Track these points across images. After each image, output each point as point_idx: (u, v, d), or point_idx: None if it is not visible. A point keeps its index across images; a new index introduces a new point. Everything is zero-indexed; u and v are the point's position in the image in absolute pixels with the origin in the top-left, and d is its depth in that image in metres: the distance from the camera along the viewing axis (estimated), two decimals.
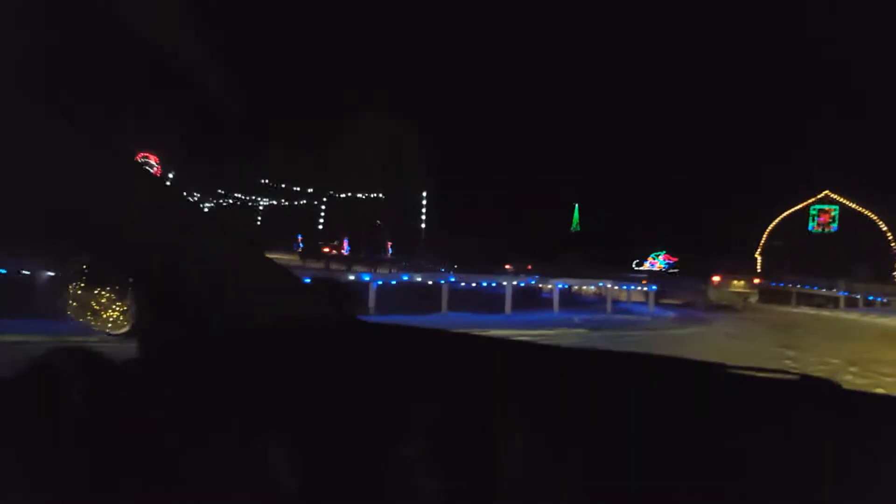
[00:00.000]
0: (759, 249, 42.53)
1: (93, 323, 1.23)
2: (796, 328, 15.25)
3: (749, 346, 12.00)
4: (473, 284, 15.61)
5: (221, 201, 49.53)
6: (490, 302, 14.62)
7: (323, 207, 47.15)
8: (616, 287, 16.92)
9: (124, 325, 1.24)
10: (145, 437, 1.04)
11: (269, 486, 1.01)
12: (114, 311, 1.24)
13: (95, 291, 1.23)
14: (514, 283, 14.95)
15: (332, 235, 45.35)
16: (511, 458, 1.00)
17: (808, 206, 41.92)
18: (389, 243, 42.99)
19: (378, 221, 42.98)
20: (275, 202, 50.40)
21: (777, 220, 42.42)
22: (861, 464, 0.94)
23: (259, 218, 50.25)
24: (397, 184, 39.15)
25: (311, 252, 34.07)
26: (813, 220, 41.81)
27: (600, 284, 17.25)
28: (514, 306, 14.81)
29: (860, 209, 40.03)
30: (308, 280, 1.53)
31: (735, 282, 24.94)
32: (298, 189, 48.07)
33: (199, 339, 1.23)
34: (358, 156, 37.12)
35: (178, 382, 1.14)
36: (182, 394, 1.12)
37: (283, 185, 47.79)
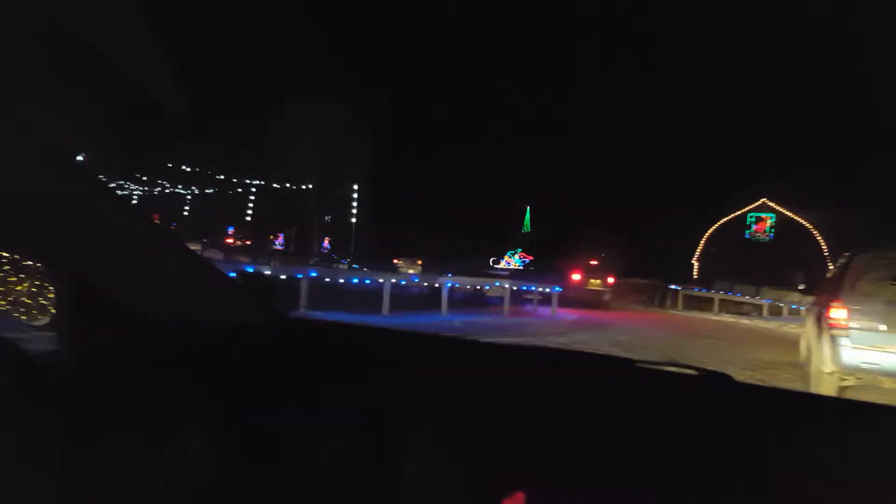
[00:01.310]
0: (696, 255, 42.13)
1: (11, 313, 1.21)
2: (704, 337, 14.14)
3: (637, 355, 10.72)
4: (342, 280, 14.00)
5: (145, 190, 47.02)
6: (376, 301, 13.10)
7: (251, 198, 45.01)
8: (515, 287, 15.52)
9: (44, 317, 1.23)
10: (62, 428, 1.06)
11: (186, 480, 1.06)
12: (32, 301, 1.22)
13: (12, 281, 1.21)
14: (393, 280, 13.31)
15: (262, 228, 43.46)
16: (420, 449, 1.11)
17: (745, 214, 41.68)
18: (328, 238, 41.38)
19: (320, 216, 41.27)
20: (201, 192, 48.01)
21: (714, 227, 42.03)
22: (750, 448, 1.08)
23: (186, 209, 47.97)
24: (328, 176, 37.37)
25: (214, 243, 32.22)
26: (750, 227, 41.58)
27: (497, 284, 15.76)
28: (401, 306, 13.34)
29: (797, 218, 39.89)
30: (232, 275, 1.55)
31: (592, 280, 25.83)
32: (223, 177, 45.80)
33: (119, 331, 1.22)
34: (289, 145, 35.24)
35: (97, 375, 1.18)
36: (100, 386, 1.16)
37: (209, 173, 45.45)
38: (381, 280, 12.98)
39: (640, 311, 22.02)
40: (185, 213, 47.05)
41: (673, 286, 26.21)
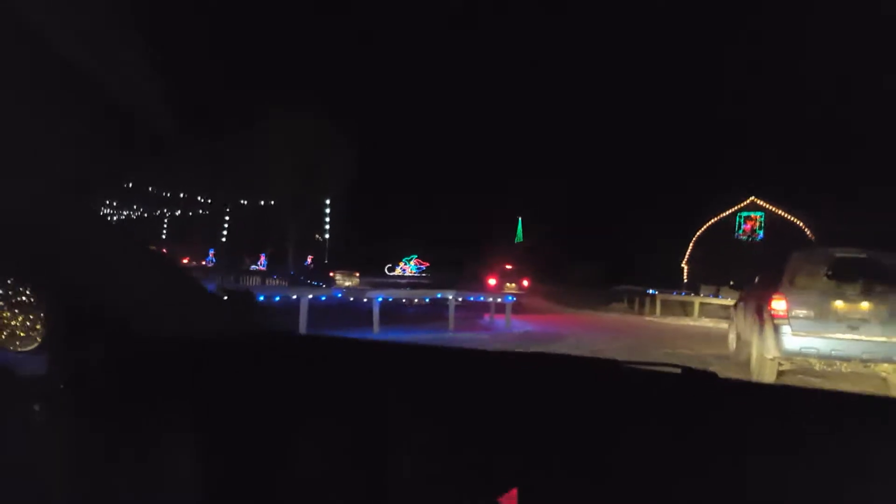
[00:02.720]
0: (685, 258, 40.75)
1: (1, 339, 1.22)
2: (667, 345, 12.80)
3: None
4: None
5: (124, 213, 45.99)
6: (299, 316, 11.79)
7: (227, 218, 43.81)
8: (460, 298, 14.15)
9: (34, 341, 1.23)
10: (60, 446, 1.09)
11: (180, 494, 1.09)
12: (23, 326, 1.22)
13: (1, 307, 1.21)
14: (311, 295, 11.90)
15: (237, 247, 42.31)
16: (408, 454, 1.12)
17: (734, 214, 40.27)
18: (262, 255, 40.25)
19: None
20: (178, 213, 46.95)
21: (702, 229, 40.60)
22: (732, 442, 1.10)
23: (165, 229, 46.87)
24: (299, 192, 36.23)
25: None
26: (739, 227, 40.13)
27: (439, 296, 14.31)
28: (327, 323, 12.06)
29: (787, 216, 38.50)
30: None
31: (508, 284, 25.65)
32: (200, 199, 44.75)
33: (113, 351, 1.26)
34: (260, 164, 34.20)
35: (92, 394, 1.21)
36: (96, 405, 1.19)
37: (183, 195, 44.43)
38: (294, 296, 11.63)
39: (613, 318, 20.66)
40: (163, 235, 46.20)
41: (650, 290, 24.85)
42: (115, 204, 44.97)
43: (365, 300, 13.22)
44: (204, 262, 40.11)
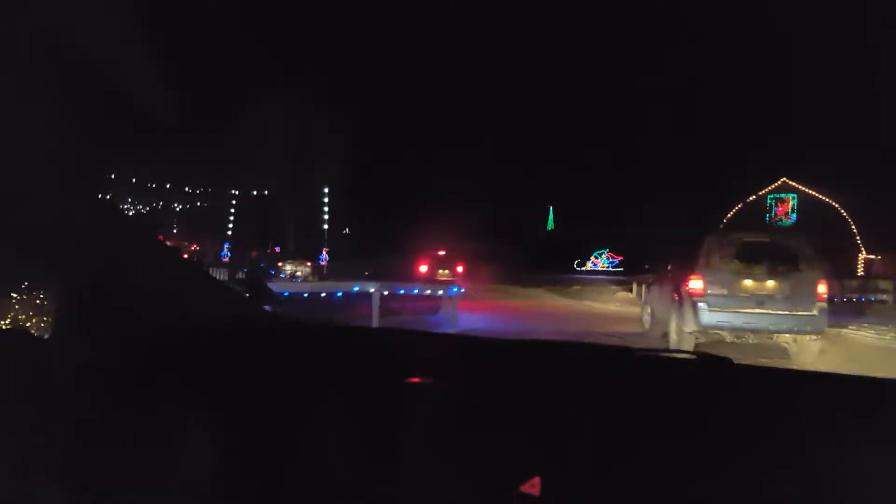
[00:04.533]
0: None
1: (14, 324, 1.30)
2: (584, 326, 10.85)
3: None
4: None
5: (136, 205, 45.80)
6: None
7: (232, 210, 42.92)
8: (386, 292, 12.20)
9: (45, 325, 1.33)
10: (65, 429, 1.11)
11: (194, 479, 1.06)
12: (33, 312, 1.31)
13: (13, 295, 1.29)
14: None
15: (239, 238, 41.50)
16: (427, 442, 1.09)
17: (764, 196, 37.21)
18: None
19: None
20: (187, 205, 46.48)
21: (731, 213, 37.55)
22: (749, 426, 1.10)
23: (175, 222, 46.43)
24: (296, 181, 35.12)
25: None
26: (770, 211, 37.01)
27: (355, 290, 12.15)
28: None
29: (822, 197, 35.30)
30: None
31: (441, 271, 25.13)
32: (199, 191, 44.11)
33: (126, 338, 1.30)
34: (258, 152, 33.24)
35: (107, 379, 1.23)
36: (111, 389, 1.20)
37: (187, 189, 43.89)
38: None
39: (558, 305, 18.62)
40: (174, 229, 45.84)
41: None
42: (126, 197, 44.83)
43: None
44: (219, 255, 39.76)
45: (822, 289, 8.27)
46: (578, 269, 43.53)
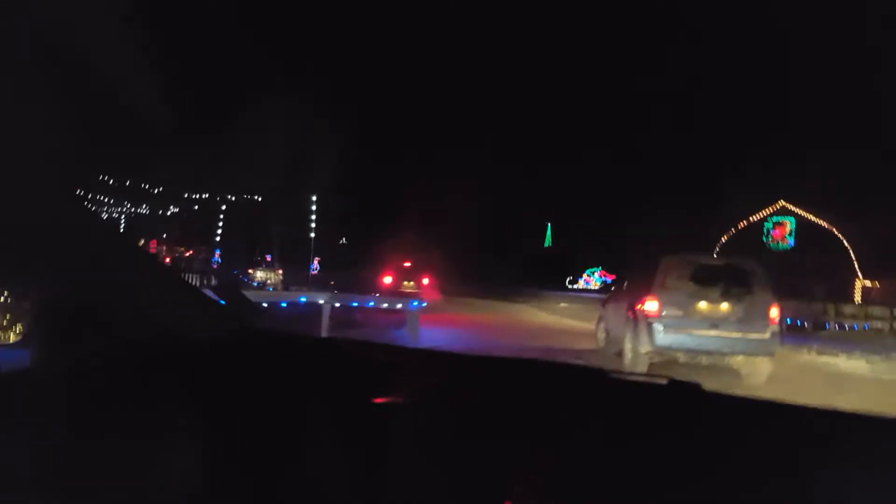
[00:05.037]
0: None
1: None
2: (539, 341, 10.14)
3: None
4: None
5: (124, 210, 45.20)
6: None
7: (221, 217, 42.23)
8: (337, 304, 11.34)
9: (15, 335, 1.26)
10: (41, 441, 1.05)
11: (167, 491, 1.02)
12: (2, 320, 1.25)
13: None
14: None
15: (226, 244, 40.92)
16: (402, 460, 1.07)
17: (762, 220, 36.36)
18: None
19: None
20: (174, 211, 45.79)
21: (725, 237, 36.59)
22: (721, 452, 1.10)
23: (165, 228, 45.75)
24: (286, 188, 34.50)
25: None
26: (767, 234, 36.17)
27: (302, 300, 11.19)
28: None
29: (819, 221, 34.51)
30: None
31: (406, 283, 25.03)
32: (185, 196, 43.52)
33: (100, 349, 1.24)
34: (249, 158, 32.68)
35: (72, 389, 1.16)
36: (83, 401, 1.14)
37: (186, 195, 43.30)
38: None
39: (562, 327, 17.78)
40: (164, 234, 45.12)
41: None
42: (111, 202, 44.20)
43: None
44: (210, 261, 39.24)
45: (774, 312, 8.38)
46: (570, 286, 42.71)
